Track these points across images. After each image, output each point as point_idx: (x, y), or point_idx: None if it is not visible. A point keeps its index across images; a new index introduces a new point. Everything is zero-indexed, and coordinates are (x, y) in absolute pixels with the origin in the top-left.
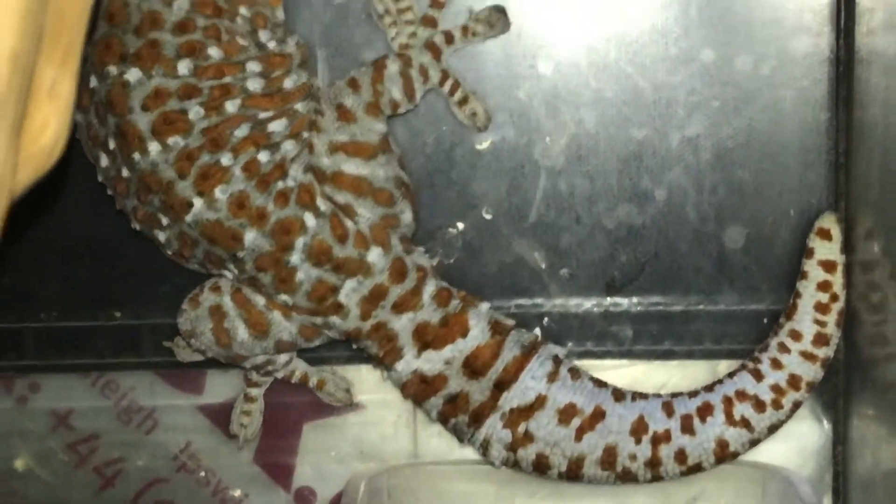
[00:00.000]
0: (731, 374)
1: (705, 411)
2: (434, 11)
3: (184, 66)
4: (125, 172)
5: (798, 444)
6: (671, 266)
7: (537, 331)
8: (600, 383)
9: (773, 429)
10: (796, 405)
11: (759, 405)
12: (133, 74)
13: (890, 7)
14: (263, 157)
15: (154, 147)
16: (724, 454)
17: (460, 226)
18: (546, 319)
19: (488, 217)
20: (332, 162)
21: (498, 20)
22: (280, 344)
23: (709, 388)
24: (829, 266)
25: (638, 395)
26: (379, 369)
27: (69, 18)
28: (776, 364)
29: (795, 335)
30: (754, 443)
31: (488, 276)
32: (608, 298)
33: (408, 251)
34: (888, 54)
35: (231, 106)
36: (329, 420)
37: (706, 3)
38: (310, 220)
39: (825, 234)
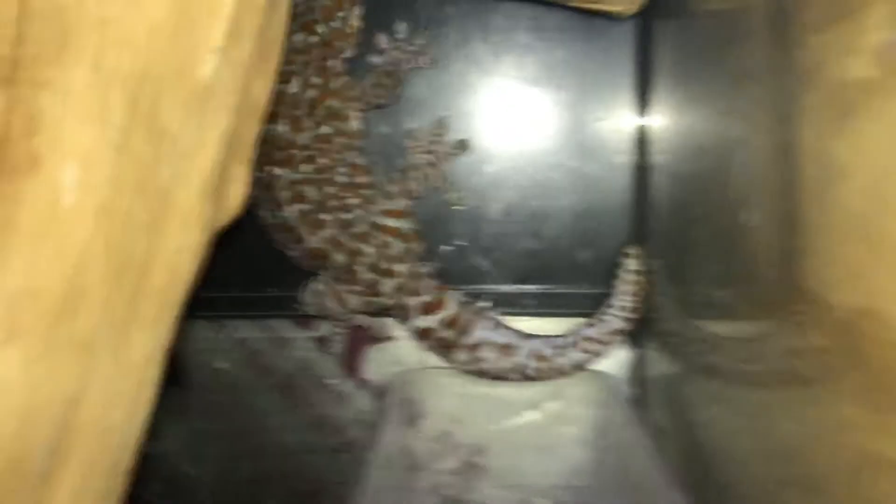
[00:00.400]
0: (585, 326)
1: (570, 345)
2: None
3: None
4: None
5: (617, 361)
6: (553, 270)
7: (483, 302)
8: (514, 329)
9: (604, 353)
10: (616, 341)
11: (598, 342)
12: (278, 173)
13: (664, 141)
14: (346, 216)
15: (288, 209)
16: (579, 367)
17: (446, 248)
18: (488, 296)
19: (460, 244)
20: (380, 219)
21: (463, 146)
22: (352, 310)
23: (572, 333)
24: (634, 272)
25: (534, 336)
26: (403, 324)
27: (245, 139)
28: (606, 321)
29: (609, 306)
30: (594, 361)
31: (461, 273)
32: (520, 285)
33: (417, 265)
34: (664, 165)
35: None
36: (380, 346)
37: (572, 175)
38: (367, 248)
39: (631, 256)
